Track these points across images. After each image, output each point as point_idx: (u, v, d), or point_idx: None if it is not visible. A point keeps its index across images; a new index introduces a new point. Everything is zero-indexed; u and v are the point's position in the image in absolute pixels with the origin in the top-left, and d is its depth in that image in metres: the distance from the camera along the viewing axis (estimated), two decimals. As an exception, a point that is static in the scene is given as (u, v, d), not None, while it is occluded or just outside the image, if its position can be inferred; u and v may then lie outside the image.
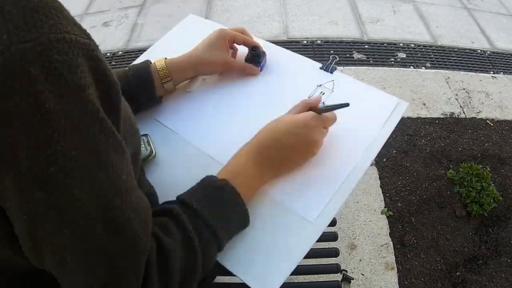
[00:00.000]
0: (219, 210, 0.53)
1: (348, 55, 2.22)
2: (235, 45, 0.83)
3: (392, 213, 1.51)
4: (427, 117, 1.86)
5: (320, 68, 0.82)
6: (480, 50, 2.33)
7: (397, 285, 1.32)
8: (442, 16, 2.58)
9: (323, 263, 0.86)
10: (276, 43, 0.88)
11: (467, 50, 2.32)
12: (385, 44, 2.31)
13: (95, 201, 0.37)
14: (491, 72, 2.17)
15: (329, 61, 0.82)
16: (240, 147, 0.64)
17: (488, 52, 2.33)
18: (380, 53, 2.25)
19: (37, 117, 0.33)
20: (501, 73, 2.17)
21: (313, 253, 0.59)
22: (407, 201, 1.56)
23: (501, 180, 1.61)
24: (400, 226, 1.48)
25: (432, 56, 2.26)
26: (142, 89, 0.73)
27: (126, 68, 0.75)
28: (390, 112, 0.72)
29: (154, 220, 0.48)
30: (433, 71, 2.13)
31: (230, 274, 0.58)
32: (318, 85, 0.79)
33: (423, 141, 1.76)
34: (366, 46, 2.29)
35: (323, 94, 0.77)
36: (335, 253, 0.87)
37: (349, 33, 2.38)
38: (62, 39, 0.34)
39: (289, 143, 0.62)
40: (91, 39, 0.37)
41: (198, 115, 0.77)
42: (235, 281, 0.68)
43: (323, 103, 0.73)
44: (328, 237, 0.90)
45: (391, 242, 1.43)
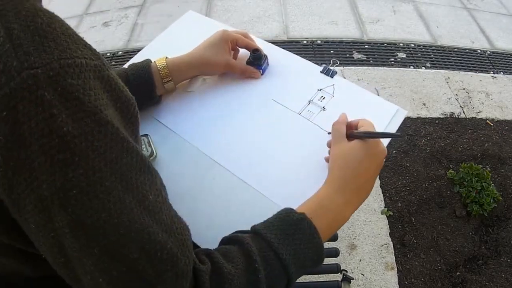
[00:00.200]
0: (293, 244, 0.50)
1: (348, 55, 2.22)
2: (237, 47, 0.83)
3: (392, 213, 1.51)
4: (427, 117, 1.87)
5: (321, 72, 0.82)
6: (480, 50, 2.34)
7: (397, 285, 1.32)
8: (442, 16, 2.58)
9: (323, 263, 0.86)
10: (276, 43, 0.88)
11: (467, 50, 2.32)
12: (385, 44, 2.31)
13: (125, 223, 0.36)
14: (491, 72, 2.17)
15: (329, 65, 0.82)
16: (238, 147, 0.63)
17: (488, 52, 2.33)
18: (380, 53, 2.25)
19: (55, 141, 0.32)
20: (501, 73, 2.17)
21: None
22: (407, 201, 1.56)
23: (501, 180, 1.61)
24: (400, 226, 1.48)
25: (432, 56, 2.26)
26: (142, 89, 0.73)
27: (126, 66, 0.75)
28: (389, 119, 0.73)
29: (219, 247, 0.48)
30: (433, 71, 2.13)
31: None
32: (318, 89, 0.79)
33: (423, 141, 1.76)
34: (366, 46, 2.29)
35: (323, 98, 0.77)
36: (335, 253, 0.87)
37: (349, 33, 2.38)
38: (73, 64, 0.34)
39: (368, 165, 0.59)
40: (101, 59, 0.37)
41: (198, 115, 0.77)
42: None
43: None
44: (328, 237, 0.90)
45: (391, 242, 1.43)
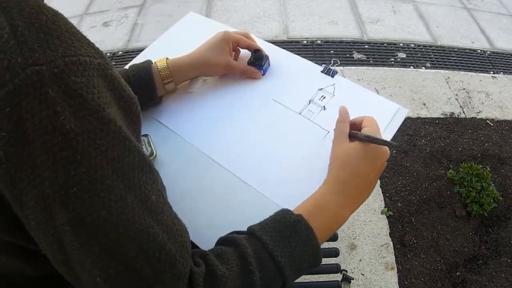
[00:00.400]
0: (289, 246, 0.50)
1: (348, 55, 2.22)
2: (238, 47, 0.82)
3: (392, 213, 1.51)
4: (427, 117, 1.87)
5: (321, 72, 0.82)
6: (480, 50, 2.34)
7: (397, 285, 1.32)
8: (442, 16, 2.58)
9: (323, 263, 0.85)
10: (276, 43, 0.89)
11: (467, 50, 2.32)
12: (385, 44, 2.31)
13: (124, 222, 0.36)
14: (491, 72, 2.17)
15: (330, 65, 0.82)
16: (239, 148, 0.64)
17: (488, 52, 2.33)
18: (380, 53, 2.25)
19: (57, 138, 0.33)
20: (501, 73, 2.17)
21: (313, 253, 0.59)
22: (407, 201, 1.56)
23: (501, 180, 1.61)
24: (400, 226, 1.48)
25: (432, 56, 2.26)
26: (143, 89, 0.73)
27: (127, 67, 0.75)
28: (390, 118, 0.73)
29: (214, 248, 0.48)
30: (433, 71, 2.13)
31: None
32: (319, 89, 0.79)
33: (423, 141, 1.76)
34: (366, 46, 2.29)
35: (324, 98, 0.77)
36: (335, 253, 0.88)
37: (349, 33, 2.38)
38: (77, 62, 0.34)
39: (368, 170, 0.59)
40: (104, 57, 0.37)
41: (199, 115, 0.77)
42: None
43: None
44: (328, 237, 0.90)
45: (391, 242, 1.43)
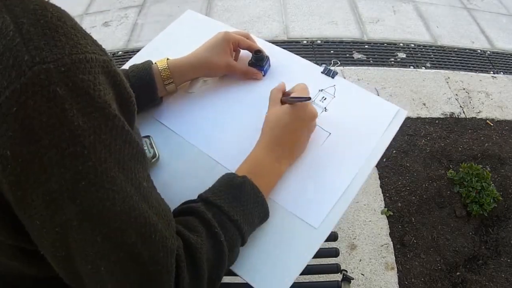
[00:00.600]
0: (241, 206, 0.55)
1: (348, 55, 2.22)
2: (238, 48, 0.82)
3: (392, 213, 1.51)
4: (427, 117, 1.87)
5: (322, 73, 0.82)
6: (480, 50, 2.34)
7: (397, 285, 1.32)
8: (442, 16, 2.58)
9: (323, 263, 0.86)
10: (276, 43, 0.88)
11: (467, 50, 2.32)
12: (385, 44, 2.31)
13: (126, 210, 0.38)
14: (491, 72, 2.17)
15: (330, 65, 0.82)
16: (240, 148, 0.64)
17: (488, 52, 2.33)
18: (380, 53, 2.25)
19: (65, 134, 0.34)
20: (501, 73, 2.17)
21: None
22: (407, 201, 1.56)
23: (501, 180, 1.61)
24: (400, 226, 1.48)
25: (432, 56, 2.26)
26: (143, 90, 0.73)
27: (127, 68, 0.75)
28: (390, 120, 0.73)
29: (177, 219, 0.49)
30: (433, 71, 2.13)
31: (230, 274, 0.58)
32: (319, 90, 0.79)
33: (423, 141, 1.76)
34: (366, 46, 2.29)
35: (324, 99, 0.77)
36: (335, 253, 0.88)
37: (349, 33, 2.38)
38: (84, 59, 0.35)
39: (296, 126, 0.65)
40: (107, 55, 0.39)
41: (200, 116, 0.77)
42: (236, 281, 0.68)
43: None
44: (328, 237, 0.89)
45: (391, 242, 1.43)
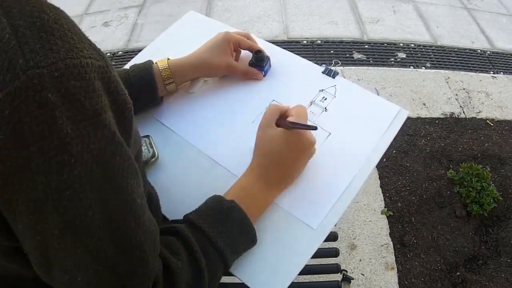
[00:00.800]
0: (227, 231, 0.53)
1: (348, 55, 2.22)
2: (239, 48, 0.82)
3: (392, 213, 1.51)
4: (427, 117, 1.86)
5: (322, 73, 0.81)
6: (480, 50, 2.33)
7: (397, 285, 1.32)
8: (442, 16, 2.58)
9: (323, 263, 0.86)
10: (276, 43, 0.88)
11: (467, 50, 2.32)
12: (385, 44, 2.31)
13: (108, 223, 0.37)
14: (491, 72, 2.17)
15: (331, 66, 0.82)
16: (240, 148, 0.64)
17: (488, 52, 2.33)
18: (380, 53, 2.25)
19: (54, 142, 0.33)
20: (501, 73, 2.17)
21: (313, 253, 0.59)
22: (407, 201, 1.56)
23: (501, 180, 1.61)
24: (400, 226, 1.48)
25: (432, 56, 2.26)
26: (143, 90, 0.73)
27: (128, 67, 0.75)
28: (391, 120, 0.73)
29: (160, 238, 0.48)
30: (433, 71, 2.13)
31: (230, 274, 0.58)
32: (320, 90, 0.79)
33: (423, 141, 1.76)
34: (366, 46, 2.29)
35: (325, 99, 0.77)
36: (335, 253, 0.87)
37: (349, 33, 2.38)
38: (78, 64, 0.34)
39: (291, 155, 0.61)
40: (105, 59, 0.38)
41: (200, 116, 0.77)
42: (235, 281, 0.68)
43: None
44: (328, 237, 0.89)
45: (391, 242, 1.43)
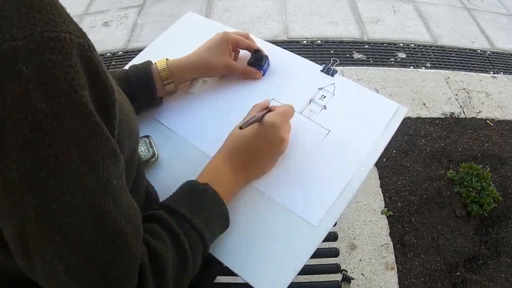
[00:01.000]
0: (203, 213, 0.54)
1: (348, 55, 2.22)
2: (237, 48, 0.82)
3: (392, 213, 1.51)
4: (427, 117, 1.86)
5: (321, 71, 0.82)
6: (480, 50, 2.34)
7: (397, 285, 1.32)
8: (442, 16, 2.58)
9: (323, 263, 0.86)
10: (276, 43, 0.89)
11: (467, 50, 2.32)
12: (385, 44, 2.31)
13: (86, 206, 0.36)
14: (491, 72, 2.17)
15: (329, 64, 0.83)
16: None
17: (488, 52, 2.33)
18: (380, 53, 2.25)
19: (28, 119, 0.31)
20: (501, 73, 2.17)
21: (313, 253, 0.59)
22: (407, 201, 1.56)
23: (501, 180, 1.61)
24: (400, 226, 1.48)
25: (432, 56, 2.26)
26: (142, 90, 0.73)
27: (127, 68, 0.75)
28: (390, 117, 0.73)
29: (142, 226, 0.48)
30: (433, 71, 2.13)
31: (230, 274, 0.58)
32: (319, 88, 0.79)
33: (423, 141, 1.76)
34: (366, 46, 2.29)
35: (324, 97, 0.77)
36: (335, 253, 0.87)
37: (349, 33, 2.38)
38: (56, 38, 0.32)
39: (258, 145, 0.63)
40: (86, 38, 0.36)
41: (199, 116, 0.77)
42: (235, 281, 0.68)
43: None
44: (328, 237, 0.89)
45: (391, 242, 1.43)
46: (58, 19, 0.33)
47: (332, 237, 0.90)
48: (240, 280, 0.58)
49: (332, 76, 0.81)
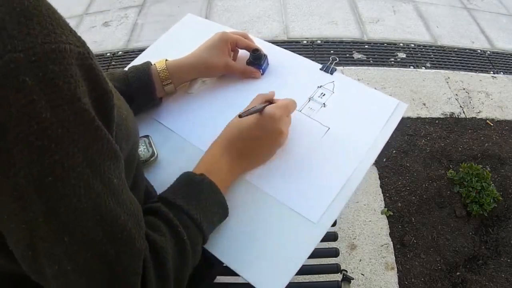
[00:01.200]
0: (200, 204, 0.55)
1: (348, 55, 2.22)
2: (236, 48, 0.82)
3: (392, 213, 1.51)
4: (427, 117, 1.87)
5: (320, 69, 0.82)
6: (480, 50, 2.34)
7: (397, 285, 1.32)
8: (442, 16, 2.58)
9: (323, 263, 0.86)
10: (276, 43, 0.89)
11: (467, 50, 2.32)
12: (385, 44, 2.31)
13: (92, 207, 0.37)
14: (491, 72, 2.17)
15: (329, 62, 0.83)
16: None
17: (488, 52, 2.33)
18: (380, 53, 2.25)
19: (33, 127, 0.33)
20: (501, 73, 2.17)
21: (313, 253, 0.58)
22: (407, 201, 1.56)
23: (501, 180, 1.61)
24: (400, 226, 1.48)
25: (432, 56, 2.26)
26: (142, 91, 0.73)
27: (126, 69, 0.75)
28: (390, 113, 0.73)
29: None
30: (433, 71, 2.13)
31: (230, 274, 0.58)
32: (318, 86, 0.79)
33: (423, 141, 1.76)
34: (366, 46, 2.29)
35: (323, 95, 0.77)
36: (335, 253, 0.87)
37: (349, 33, 2.38)
38: (56, 49, 0.34)
39: (255, 135, 0.63)
40: (86, 46, 0.37)
41: (199, 116, 0.77)
42: (235, 281, 0.68)
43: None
44: (328, 237, 0.90)
45: (391, 242, 1.43)
46: (57, 30, 0.35)
47: (332, 237, 0.90)
48: (240, 280, 0.58)
49: (331, 74, 0.81)
